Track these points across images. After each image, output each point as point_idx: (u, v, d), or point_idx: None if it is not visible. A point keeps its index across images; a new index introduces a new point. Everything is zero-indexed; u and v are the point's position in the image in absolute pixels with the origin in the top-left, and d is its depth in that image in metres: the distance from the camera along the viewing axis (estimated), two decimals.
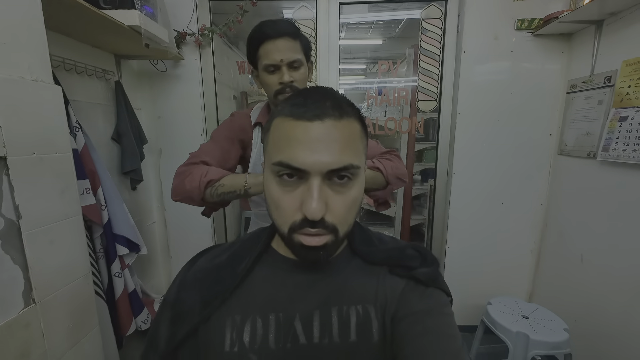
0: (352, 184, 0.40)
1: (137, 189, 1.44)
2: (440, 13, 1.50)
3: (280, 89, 0.78)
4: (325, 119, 0.38)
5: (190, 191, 0.71)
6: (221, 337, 0.43)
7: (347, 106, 0.42)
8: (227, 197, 0.73)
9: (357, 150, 0.41)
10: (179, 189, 0.73)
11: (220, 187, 0.72)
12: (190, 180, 0.71)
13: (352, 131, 0.41)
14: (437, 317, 0.42)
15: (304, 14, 1.53)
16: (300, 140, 0.38)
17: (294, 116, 0.39)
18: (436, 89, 1.58)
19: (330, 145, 0.38)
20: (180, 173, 0.74)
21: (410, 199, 2.36)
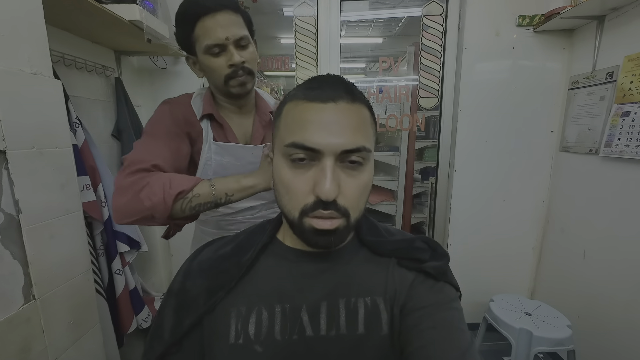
0: (363, 168, 0.40)
1: None
2: (442, 9, 1.50)
3: (231, 72, 0.66)
4: (339, 101, 0.39)
5: (151, 208, 0.55)
6: (226, 329, 0.42)
7: (359, 92, 0.42)
8: (202, 208, 0.61)
9: (368, 135, 0.41)
10: (131, 208, 0.55)
11: (195, 199, 0.58)
12: (149, 195, 0.55)
13: (363, 116, 0.41)
14: (446, 312, 0.42)
15: (305, 10, 1.52)
16: (314, 122, 0.38)
17: (308, 98, 0.39)
18: (437, 85, 1.57)
19: (343, 127, 0.38)
20: (127, 187, 0.56)
21: (410, 197, 2.35)
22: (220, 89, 0.70)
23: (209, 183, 0.61)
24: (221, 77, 0.67)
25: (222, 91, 0.71)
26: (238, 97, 0.73)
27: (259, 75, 2.57)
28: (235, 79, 0.67)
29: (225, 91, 0.70)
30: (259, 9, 1.50)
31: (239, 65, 0.66)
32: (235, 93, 0.70)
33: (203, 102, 0.73)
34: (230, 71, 0.66)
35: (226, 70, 0.66)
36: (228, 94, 0.71)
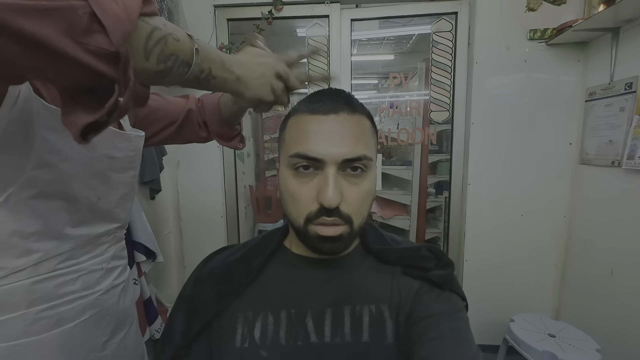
0: (365, 175, 0.42)
1: (156, 199, 1.48)
2: (451, 26, 1.53)
3: None
4: (340, 113, 0.41)
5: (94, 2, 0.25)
6: (233, 333, 0.43)
7: (359, 104, 0.44)
8: (175, 68, 0.32)
9: (369, 144, 0.43)
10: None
11: (173, 42, 0.31)
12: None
13: (364, 126, 0.43)
14: (452, 322, 0.41)
15: (317, 31, 1.59)
16: (317, 133, 0.40)
17: (310, 111, 0.42)
18: (448, 99, 1.58)
19: (344, 137, 0.40)
20: None
21: (424, 211, 2.32)
22: None
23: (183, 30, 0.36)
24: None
25: None
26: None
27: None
28: None
29: None
30: (273, 30, 1.59)
31: None
32: None
33: None
34: None
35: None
36: None
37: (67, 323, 0.44)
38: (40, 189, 0.40)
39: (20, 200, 0.39)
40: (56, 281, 0.43)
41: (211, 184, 1.65)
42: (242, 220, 1.89)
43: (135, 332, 0.60)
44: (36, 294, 0.41)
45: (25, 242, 0.40)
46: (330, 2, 1.52)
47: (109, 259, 0.52)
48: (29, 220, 0.40)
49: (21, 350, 0.40)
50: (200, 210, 1.66)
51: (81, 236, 0.46)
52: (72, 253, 0.45)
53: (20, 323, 0.40)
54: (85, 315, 0.46)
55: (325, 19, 1.56)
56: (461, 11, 1.50)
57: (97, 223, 0.49)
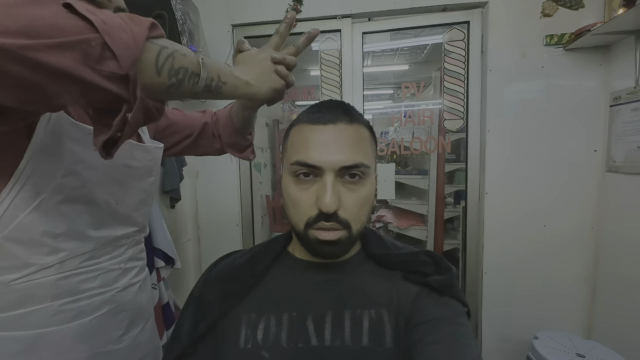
0: (363, 182, 0.43)
1: (176, 208, 1.56)
2: (463, 35, 1.53)
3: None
4: (338, 123, 0.43)
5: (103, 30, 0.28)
6: (237, 333, 0.45)
7: (357, 114, 0.46)
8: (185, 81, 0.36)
9: (367, 152, 0.44)
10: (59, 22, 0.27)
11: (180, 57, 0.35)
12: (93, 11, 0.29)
13: (361, 135, 0.44)
14: (451, 326, 0.42)
15: (330, 45, 1.64)
16: (316, 142, 0.42)
17: (310, 121, 0.44)
18: (462, 107, 1.56)
19: (342, 145, 0.42)
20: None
21: (442, 221, 2.26)
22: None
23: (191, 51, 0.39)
24: None
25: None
26: None
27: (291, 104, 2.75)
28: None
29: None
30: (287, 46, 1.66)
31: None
32: None
33: None
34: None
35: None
36: None
37: (86, 316, 0.48)
38: (67, 194, 0.45)
39: (51, 204, 0.44)
40: (78, 278, 0.47)
41: (228, 194, 1.71)
42: (258, 229, 1.93)
43: (151, 329, 0.63)
44: (60, 288, 0.45)
45: (54, 242, 0.44)
46: (342, 17, 1.57)
47: (126, 260, 0.56)
48: (57, 223, 0.45)
49: (45, 338, 0.44)
50: (217, 218, 1.72)
51: (101, 238, 0.50)
52: (93, 253, 0.49)
53: (45, 314, 0.44)
54: (102, 310, 0.50)
55: (337, 32, 1.61)
56: (473, 20, 1.50)
57: (117, 226, 0.53)
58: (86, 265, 0.48)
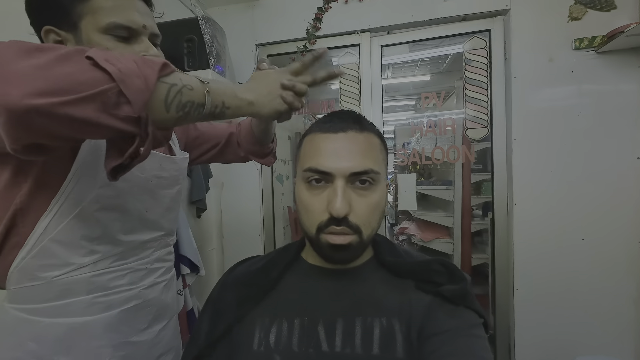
0: (373, 188, 0.44)
1: (202, 218, 1.63)
2: (485, 43, 1.50)
3: None
4: (348, 131, 0.45)
5: (119, 79, 0.32)
6: (251, 336, 0.46)
7: (368, 123, 0.48)
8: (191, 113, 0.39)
9: (377, 159, 0.46)
10: (77, 76, 0.31)
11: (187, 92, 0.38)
12: (108, 58, 0.33)
13: (372, 143, 0.46)
14: (466, 338, 0.41)
15: (349, 59, 1.68)
16: (327, 149, 0.44)
17: (322, 130, 0.47)
18: (486, 116, 1.52)
19: (352, 152, 0.44)
20: (53, 48, 0.32)
21: (469, 234, 2.16)
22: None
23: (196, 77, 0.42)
24: None
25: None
26: None
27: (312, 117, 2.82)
28: None
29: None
30: None
31: None
32: None
33: None
34: None
35: None
36: None
37: (114, 308, 0.54)
38: (103, 203, 0.51)
39: (89, 212, 0.50)
40: (109, 276, 0.53)
41: (251, 205, 1.76)
42: (280, 240, 1.96)
43: (174, 327, 0.68)
44: (94, 284, 0.52)
45: (90, 245, 0.51)
46: (360, 32, 1.61)
47: (153, 261, 0.61)
48: (94, 228, 0.51)
49: (80, 325, 0.51)
50: (240, 228, 1.78)
51: (130, 242, 0.56)
52: (122, 255, 0.55)
53: (80, 305, 0.51)
54: (130, 304, 0.56)
55: (355, 47, 1.65)
56: (494, 28, 1.47)
57: (145, 231, 0.58)
58: (116, 265, 0.54)
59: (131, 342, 0.55)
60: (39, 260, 0.48)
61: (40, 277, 0.48)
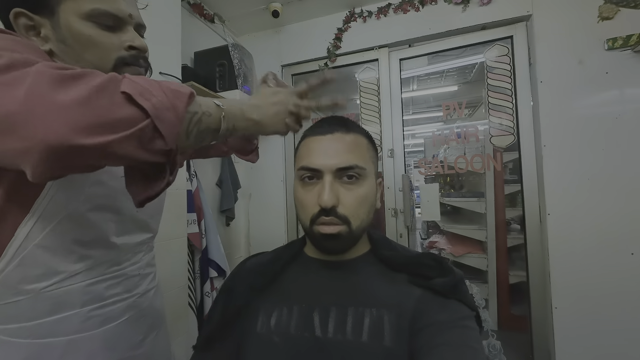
0: (360, 182, 0.49)
1: (230, 226, 1.75)
2: (507, 50, 1.48)
3: (130, 56, 0.47)
4: (335, 132, 0.50)
5: (154, 114, 0.33)
6: (255, 320, 0.51)
7: (354, 126, 0.53)
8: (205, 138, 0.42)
9: (364, 156, 0.50)
10: (110, 114, 0.31)
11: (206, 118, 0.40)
12: (140, 91, 0.33)
13: (358, 142, 0.51)
14: (457, 329, 0.42)
15: (369, 74, 1.74)
16: (316, 149, 0.50)
17: (313, 134, 0.53)
18: (512, 123, 1.47)
19: (338, 151, 0.49)
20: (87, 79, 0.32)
21: (505, 249, 2.03)
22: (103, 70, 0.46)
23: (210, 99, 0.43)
24: (109, 59, 0.46)
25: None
26: None
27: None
28: (132, 66, 0.48)
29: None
30: (340, 76, 1.82)
31: (142, 51, 0.48)
32: None
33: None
34: (128, 55, 0.47)
35: (121, 51, 0.46)
36: None
37: (112, 322, 0.50)
38: (95, 203, 0.47)
39: (80, 212, 0.45)
40: (105, 284, 0.49)
41: (275, 215, 1.85)
42: None
43: (165, 334, 0.65)
44: (89, 294, 0.47)
45: (82, 249, 0.46)
46: (379, 48, 1.67)
47: (144, 266, 0.58)
48: (86, 230, 0.46)
49: (76, 344, 0.45)
50: (266, 237, 1.86)
51: (124, 244, 0.52)
52: (116, 260, 0.51)
53: (75, 320, 0.45)
54: (126, 316, 0.52)
55: (375, 62, 1.71)
56: (517, 34, 1.45)
57: (136, 232, 0.55)
58: (111, 272, 0.50)
59: (129, 357, 0.51)
60: (23, 270, 0.42)
61: (26, 290, 0.42)
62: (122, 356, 0.50)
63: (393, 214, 1.66)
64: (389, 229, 1.68)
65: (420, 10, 1.56)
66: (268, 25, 1.82)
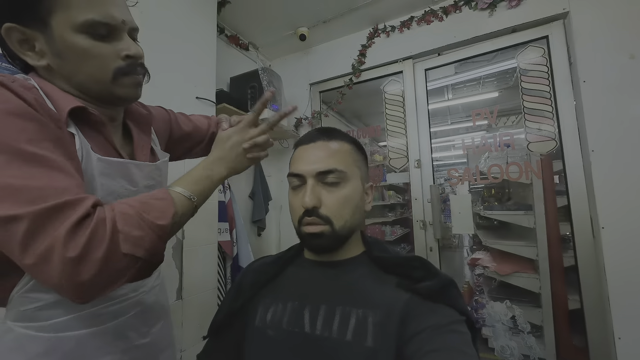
0: (342, 185, 0.52)
1: (262, 236, 1.84)
2: (543, 51, 1.39)
3: (127, 66, 0.47)
4: (317, 141, 0.55)
5: (147, 257, 0.41)
6: (254, 314, 0.56)
7: (338, 133, 0.57)
8: (181, 226, 0.49)
9: (345, 161, 0.54)
10: (114, 273, 0.39)
11: (184, 217, 0.47)
12: (134, 241, 0.39)
13: (340, 149, 0.55)
14: (447, 334, 0.42)
15: (394, 87, 1.76)
16: (301, 157, 0.55)
17: (300, 144, 0.58)
18: (552, 127, 1.35)
19: (319, 157, 0.53)
20: (92, 247, 0.37)
21: (561, 269, 1.80)
22: (94, 88, 0.47)
23: (181, 191, 0.47)
24: (108, 70, 0.46)
25: (96, 91, 0.48)
26: (122, 103, 0.53)
27: (375, 144, 2.90)
28: (131, 75, 0.48)
29: (104, 92, 0.48)
30: (359, 92, 1.87)
31: (138, 58, 0.49)
32: (123, 96, 0.50)
33: (51, 94, 0.44)
34: (125, 64, 0.47)
35: (118, 61, 0.47)
36: (107, 97, 0.49)
37: (121, 317, 0.53)
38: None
39: None
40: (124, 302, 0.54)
41: None
42: None
43: (169, 325, 0.69)
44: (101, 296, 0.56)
45: None
46: (403, 60, 1.68)
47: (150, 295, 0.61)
48: None
49: (89, 336, 0.49)
50: None
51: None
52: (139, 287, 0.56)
53: (88, 317, 0.49)
54: (133, 311, 0.55)
55: (399, 74, 1.72)
56: (553, 33, 1.35)
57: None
58: None
59: (137, 345, 0.55)
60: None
61: (46, 298, 0.45)
62: (131, 344, 0.54)
63: (421, 226, 1.60)
64: (417, 243, 1.62)
65: (444, 20, 1.55)
66: (296, 48, 1.95)
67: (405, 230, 2.78)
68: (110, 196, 0.48)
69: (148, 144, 0.59)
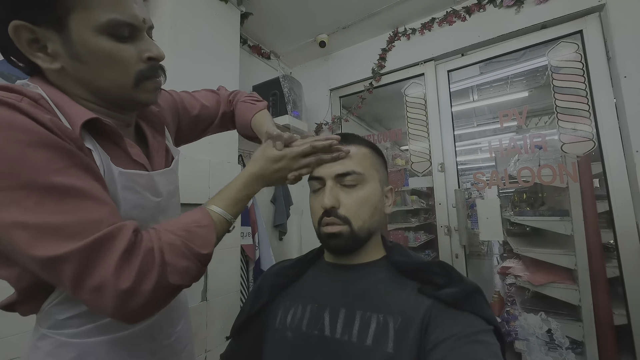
0: (360, 186, 0.53)
1: (283, 240, 1.87)
2: (577, 46, 1.31)
3: (148, 69, 0.45)
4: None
5: (189, 283, 0.44)
6: (275, 316, 0.57)
7: (356, 138, 0.57)
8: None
9: (362, 164, 0.54)
10: (161, 300, 0.42)
11: (222, 235, 0.51)
12: (179, 271, 0.41)
13: (358, 152, 0.55)
14: (472, 345, 0.41)
15: (415, 89, 1.73)
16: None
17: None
18: (589, 127, 1.26)
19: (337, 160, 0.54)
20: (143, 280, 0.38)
21: (604, 280, 1.66)
22: (114, 93, 0.45)
23: (222, 213, 0.48)
24: (130, 75, 0.44)
25: (115, 96, 0.46)
26: (140, 108, 0.52)
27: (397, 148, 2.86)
28: (152, 79, 0.46)
29: (124, 97, 0.46)
30: (379, 96, 1.86)
31: (158, 60, 0.47)
32: (144, 101, 0.48)
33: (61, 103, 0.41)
34: (147, 67, 0.45)
35: (139, 64, 0.44)
36: (126, 102, 0.47)
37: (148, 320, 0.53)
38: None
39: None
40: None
41: None
42: None
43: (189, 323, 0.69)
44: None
45: None
46: (425, 62, 1.65)
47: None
48: None
49: (121, 340, 0.49)
50: None
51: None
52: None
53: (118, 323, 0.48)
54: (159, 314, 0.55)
55: (421, 77, 1.69)
56: (587, 27, 1.27)
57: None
58: None
59: (164, 345, 0.56)
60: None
61: (77, 308, 0.45)
62: (159, 345, 0.55)
63: (446, 232, 1.54)
64: (442, 249, 1.57)
65: (467, 20, 1.51)
66: (317, 54, 1.98)
67: (429, 236, 2.69)
68: (135, 210, 0.47)
69: (163, 145, 0.57)
